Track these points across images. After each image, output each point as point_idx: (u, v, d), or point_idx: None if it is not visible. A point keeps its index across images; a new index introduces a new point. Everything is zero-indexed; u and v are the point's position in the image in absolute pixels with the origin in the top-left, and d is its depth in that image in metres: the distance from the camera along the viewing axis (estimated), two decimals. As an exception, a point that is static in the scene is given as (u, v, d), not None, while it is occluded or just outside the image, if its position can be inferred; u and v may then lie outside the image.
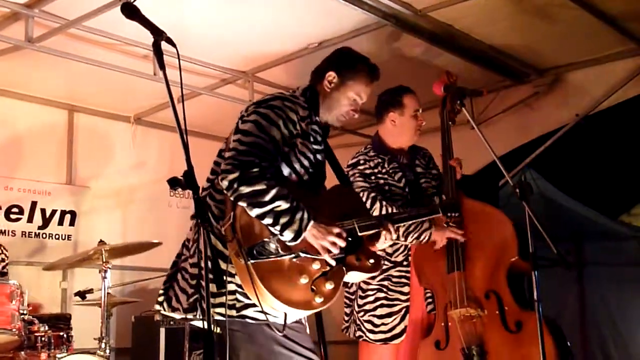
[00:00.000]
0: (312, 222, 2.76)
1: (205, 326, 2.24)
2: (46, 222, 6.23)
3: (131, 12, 2.48)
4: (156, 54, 2.43)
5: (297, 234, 2.73)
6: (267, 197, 2.69)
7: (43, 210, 6.22)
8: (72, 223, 6.37)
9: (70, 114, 6.50)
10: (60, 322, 4.53)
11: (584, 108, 5.82)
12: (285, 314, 2.75)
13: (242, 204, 2.72)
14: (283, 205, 2.71)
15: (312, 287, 2.74)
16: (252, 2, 4.67)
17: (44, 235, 6.20)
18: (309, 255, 2.76)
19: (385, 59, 5.42)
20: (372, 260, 2.94)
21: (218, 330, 2.74)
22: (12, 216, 5.96)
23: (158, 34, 2.43)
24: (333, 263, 2.80)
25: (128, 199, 6.74)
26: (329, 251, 2.78)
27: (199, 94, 5.89)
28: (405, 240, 3.91)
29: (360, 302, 4.04)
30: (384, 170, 4.04)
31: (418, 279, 4.02)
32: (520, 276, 3.86)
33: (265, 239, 2.72)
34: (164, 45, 2.44)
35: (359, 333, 4.04)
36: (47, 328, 4.24)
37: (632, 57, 5.51)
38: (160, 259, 5.67)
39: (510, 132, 6.12)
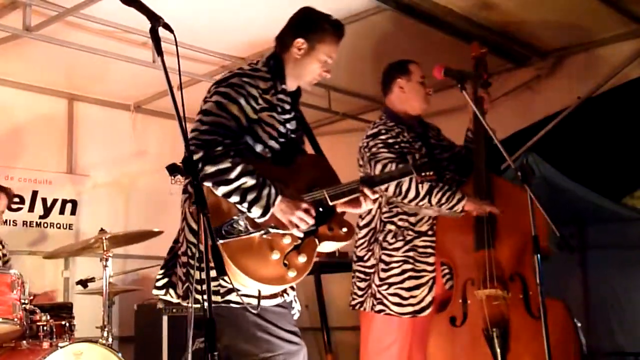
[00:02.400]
0: (279, 197, 2.75)
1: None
2: (47, 211, 6.24)
3: (128, -2, 2.46)
4: (154, 40, 2.40)
5: (265, 210, 2.72)
6: (233, 175, 2.68)
7: (44, 200, 6.22)
8: (73, 212, 6.38)
9: (70, 102, 6.49)
10: (62, 311, 4.50)
11: (586, 90, 5.78)
12: (259, 291, 2.74)
13: (208, 183, 2.70)
14: (249, 181, 2.69)
15: (285, 261, 2.75)
16: (250, -13, 4.65)
17: (45, 225, 6.21)
18: (278, 231, 2.75)
19: (386, 43, 5.40)
20: (344, 229, 2.94)
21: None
22: (13, 206, 5.91)
23: (155, 20, 2.40)
24: (301, 236, 2.80)
25: (129, 187, 6.74)
26: (298, 226, 2.78)
27: (198, 81, 5.86)
28: (439, 207, 3.82)
29: (383, 275, 3.93)
30: (405, 140, 4.00)
31: (437, 251, 3.95)
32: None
33: (234, 217, 2.71)
34: (162, 32, 2.41)
35: (379, 307, 3.92)
36: (49, 317, 4.22)
37: (635, 39, 5.46)
38: (163, 247, 5.58)
39: (511, 115, 6.08)
